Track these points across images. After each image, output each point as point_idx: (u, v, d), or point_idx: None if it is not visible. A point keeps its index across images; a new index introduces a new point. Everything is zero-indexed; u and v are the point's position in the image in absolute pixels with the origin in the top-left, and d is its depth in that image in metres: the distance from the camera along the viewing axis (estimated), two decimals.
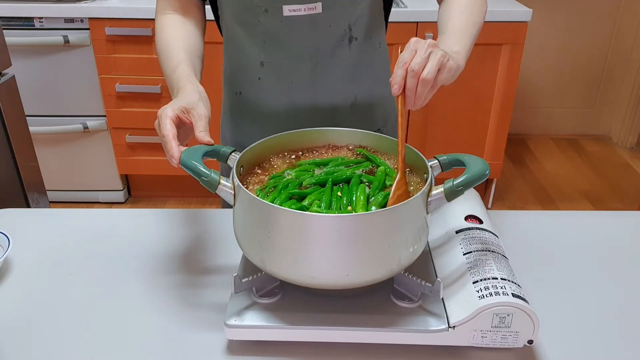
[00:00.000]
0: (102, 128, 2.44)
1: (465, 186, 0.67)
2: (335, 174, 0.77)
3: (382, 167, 0.78)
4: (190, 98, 0.80)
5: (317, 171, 0.79)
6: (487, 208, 1.98)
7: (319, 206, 0.71)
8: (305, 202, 0.72)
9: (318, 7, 0.94)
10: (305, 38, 0.96)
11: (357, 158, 0.83)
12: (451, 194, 0.68)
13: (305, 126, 0.87)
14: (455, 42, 0.86)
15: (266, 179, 0.79)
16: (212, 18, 1.07)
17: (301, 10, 0.93)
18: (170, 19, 0.99)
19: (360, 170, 0.79)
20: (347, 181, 0.76)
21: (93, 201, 2.67)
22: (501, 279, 0.69)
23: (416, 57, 0.73)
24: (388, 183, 0.76)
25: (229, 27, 1.00)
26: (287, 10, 0.93)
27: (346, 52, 0.99)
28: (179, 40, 0.95)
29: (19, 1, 2.23)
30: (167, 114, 0.75)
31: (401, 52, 0.75)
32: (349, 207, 0.71)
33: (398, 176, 0.74)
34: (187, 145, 0.75)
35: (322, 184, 0.76)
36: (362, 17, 0.97)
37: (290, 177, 0.77)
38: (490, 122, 2.46)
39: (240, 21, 0.97)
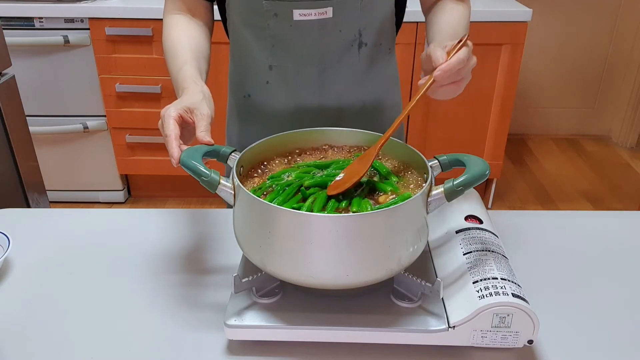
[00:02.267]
0: (102, 128, 2.44)
1: (465, 186, 0.67)
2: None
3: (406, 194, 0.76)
4: (194, 98, 0.80)
5: (318, 173, 0.79)
6: (487, 208, 1.98)
7: (313, 206, 0.71)
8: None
9: (329, 12, 0.93)
10: (315, 43, 0.95)
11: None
12: (451, 194, 0.68)
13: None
14: None
15: (266, 179, 0.79)
16: (220, 19, 1.07)
17: (311, 14, 0.93)
18: (178, 19, 0.99)
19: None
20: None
21: (93, 201, 2.67)
22: (501, 279, 0.69)
23: (468, 66, 0.76)
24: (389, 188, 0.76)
25: (237, 30, 1.00)
26: (298, 14, 0.93)
27: (355, 58, 0.98)
28: (185, 40, 0.95)
29: (19, 1, 2.23)
30: (170, 114, 0.75)
31: (447, 52, 0.76)
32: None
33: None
34: (190, 146, 0.75)
35: (322, 186, 0.75)
36: (372, 22, 0.97)
37: (290, 178, 0.77)
38: (490, 122, 2.46)
39: (249, 25, 0.97)
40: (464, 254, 0.76)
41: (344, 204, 0.71)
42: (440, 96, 0.78)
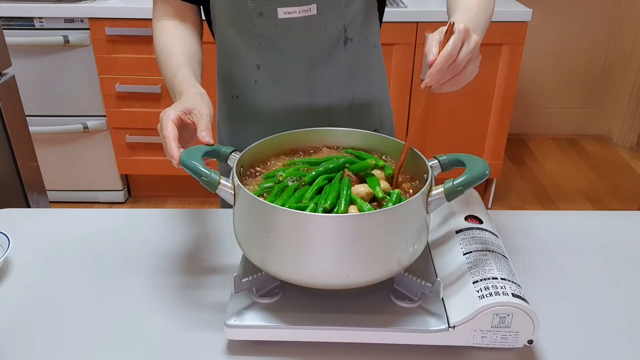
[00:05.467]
0: (102, 128, 2.44)
1: (465, 186, 0.67)
2: (326, 166, 0.77)
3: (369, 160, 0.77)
4: (192, 99, 0.80)
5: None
6: (487, 208, 1.98)
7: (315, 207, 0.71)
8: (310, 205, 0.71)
9: (313, 9, 0.94)
10: (301, 40, 0.96)
11: (351, 157, 0.83)
12: (451, 194, 0.68)
13: (302, 128, 0.87)
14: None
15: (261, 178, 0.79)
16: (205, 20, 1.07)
17: (296, 12, 0.93)
18: (168, 25, 0.99)
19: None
20: (337, 171, 0.77)
21: (93, 201, 2.67)
22: (501, 279, 0.69)
23: (463, 52, 0.71)
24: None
25: (223, 31, 1.00)
26: (282, 12, 0.93)
27: (342, 54, 0.99)
28: (177, 45, 0.95)
29: (19, 1, 2.23)
30: (168, 116, 0.75)
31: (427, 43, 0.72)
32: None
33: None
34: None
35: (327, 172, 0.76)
36: (356, 17, 0.97)
37: (282, 177, 0.76)
38: (490, 122, 2.46)
39: (235, 25, 0.97)
40: (464, 254, 0.76)
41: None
42: (445, 89, 0.75)
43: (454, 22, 0.72)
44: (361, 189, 0.72)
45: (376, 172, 0.76)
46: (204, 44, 1.03)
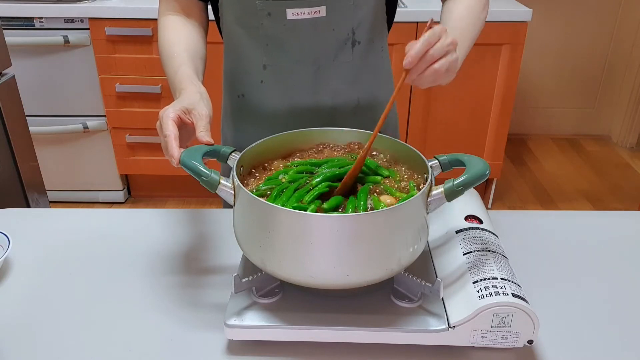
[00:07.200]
0: (102, 128, 2.44)
1: (465, 186, 0.68)
2: (331, 172, 0.77)
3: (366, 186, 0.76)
4: (192, 99, 0.80)
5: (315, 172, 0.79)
6: (487, 208, 1.98)
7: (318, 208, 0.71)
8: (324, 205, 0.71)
9: (322, 11, 0.93)
10: (308, 42, 0.96)
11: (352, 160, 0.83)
12: (451, 194, 0.68)
13: (307, 128, 0.86)
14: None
15: (264, 179, 0.79)
16: (213, 19, 1.07)
17: (305, 13, 0.93)
18: (173, 21, 0.99)
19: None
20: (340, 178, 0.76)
21: (93, 201, 2.67)
22: (501, 279, 0.69)
23: (438, 45, 0.72)
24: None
25: (230, 30, 1.00)
26: (291, 13, 0.93)
27: (349, 56, 0.99)
28: (181, 41, 0.95)
29: (19, 1, 2.23)
30: (168, 115, 0.75)
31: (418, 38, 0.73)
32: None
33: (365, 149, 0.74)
34: (188, 147, 0.75)
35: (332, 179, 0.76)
36: (365, 20, 0.97)
37: (284, 180, 0.76)
38: (490, 122, 2.46)
39: (243, 24, 0.97)
40: (464, 254, 0.76)
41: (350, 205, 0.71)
42: (424, 84, 0.75)
43: (432, 18, 0.75)
44: (388, 200, 0.72)
45: (386, 181, 0.77)
46: (211, 44, 1.02)
